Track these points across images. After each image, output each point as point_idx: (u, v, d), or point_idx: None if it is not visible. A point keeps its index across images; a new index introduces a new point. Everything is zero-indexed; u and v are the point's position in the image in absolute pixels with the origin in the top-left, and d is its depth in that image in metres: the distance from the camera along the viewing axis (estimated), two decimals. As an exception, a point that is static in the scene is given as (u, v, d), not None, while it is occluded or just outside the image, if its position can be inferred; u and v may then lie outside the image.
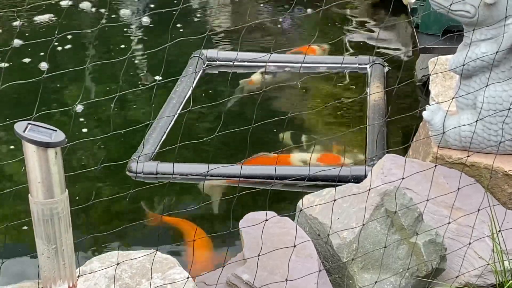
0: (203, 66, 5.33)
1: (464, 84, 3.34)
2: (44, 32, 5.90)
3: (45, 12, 6.18)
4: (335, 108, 4.87)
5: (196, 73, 5.22)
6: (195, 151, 4.30)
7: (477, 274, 3.02)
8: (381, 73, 5.20)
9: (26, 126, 2.05)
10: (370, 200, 2.91)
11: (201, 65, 5.32)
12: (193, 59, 5.36)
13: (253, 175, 4.04)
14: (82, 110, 4.70)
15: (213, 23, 6.32)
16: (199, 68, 5.26)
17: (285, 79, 5.21)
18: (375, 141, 4.30)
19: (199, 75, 5.27)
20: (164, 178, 4.08)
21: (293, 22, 6.29)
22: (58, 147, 2.06)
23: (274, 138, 4.46)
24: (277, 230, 2.95)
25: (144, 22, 6.09)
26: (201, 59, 5.35)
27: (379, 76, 5.16)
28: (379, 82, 5.07)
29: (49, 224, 2.11)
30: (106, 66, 5.26)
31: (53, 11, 6.23)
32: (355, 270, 2.90)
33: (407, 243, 2.93)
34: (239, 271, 2.83)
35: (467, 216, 3.11)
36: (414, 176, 3.13)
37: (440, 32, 4.76)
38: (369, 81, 5.11)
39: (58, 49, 5.60)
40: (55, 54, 5.56)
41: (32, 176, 2.07)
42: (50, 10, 6.22)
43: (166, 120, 4.57)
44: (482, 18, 3.22)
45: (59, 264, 2.15)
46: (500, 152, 3.33)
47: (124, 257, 2.75)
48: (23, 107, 4.71)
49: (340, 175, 3.93)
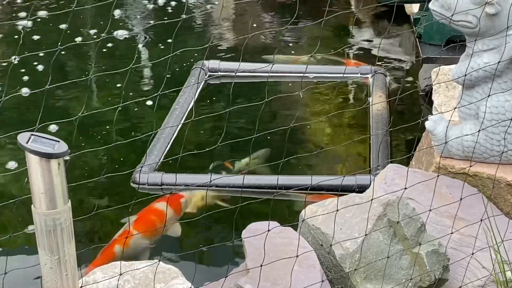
0: (205, 77, 5.35)
1: (466, 94, 3.34)
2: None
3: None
4: (337, 117, 4.88)
5: (198, 84, 5.23)
6: (199, 161, 4.30)
7: (480, 285, 3.01)
8: (383, 83, 5.21)
9: (29, 137, 2.05)
10: (372, 210, 2.91)
11: (203, 76, 5.33)
12: (195, 70, 5.37)
13: (256, 185, 4.04)
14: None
15: (215, 36, 6.34)
16: (201, 79, 5.27)
17: (287, 88, 5.22)
18: (378, 151, 4.31)
19: (202, 86, 5.29)
20: (169, 189, 4.08)
21: (296, 33, 6.31)
22: (61, 158, 2.07)
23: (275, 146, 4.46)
24: (279, 240, 2.95)
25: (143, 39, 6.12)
26: (203, 70, 5.36)
27: (381, 86, 5.16)
28: (382, 91, 5.08)
29: (52, 234, 2.11)
30: (110, 77, 5.28)
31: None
32: (358, 281, 2.90)
33: (410, 253, 2.93)
34: (242, 281, 2.82)
35: (470, 226, 3.11)
36: (417, 186, 3.13)
37: (443, 42, 4.77)
38: (371, 91, 5.12)
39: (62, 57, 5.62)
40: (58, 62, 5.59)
41: (35, 187, 2.08)
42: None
43: (170, 131, 4.58)
44: (484, 29, 3.22)
45: (62, 275, 2.15)
46: (502, 162, 3.33)
47: (127, 268, 2.75)
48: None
49: (344, 185, 3.93)
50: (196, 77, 5.26)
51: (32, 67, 5.50)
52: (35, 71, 5.47)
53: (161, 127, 4.65)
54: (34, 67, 5.50)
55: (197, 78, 5.24)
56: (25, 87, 5.15)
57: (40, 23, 6.32)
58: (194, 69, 5.38)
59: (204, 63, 5.40)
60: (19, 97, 5.04)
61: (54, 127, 4.48)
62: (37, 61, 5.53)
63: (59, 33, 5.84)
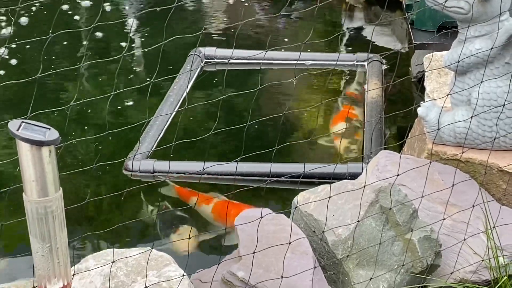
0: (201, 64, 5.33)
1: (458, 80, 3.34)
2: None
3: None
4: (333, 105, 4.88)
5: (193, 71, 5.21)
6: (192, 149, 4.30)
7: (472, 270, 3.02)
8: (379, 70, 5.19)
9: (20, 125, 2.04)
10: (365, 197, 2.92)
11: (199, 63, 5.32)
12: (191, 57, 5.35)
13: (248, 173, 4.04)
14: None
15: (208, 25, 6.32)
16: (197, 66, 5.26)
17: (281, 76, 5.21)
18: (371, 139, 4.31)
19: (197, 73, 5.27)
20: (161, 176, 4.08)
21: (289, 20, 6.29)
22: (52, 145, 2.06)
23: (270, 135, 4.46)
24: (272, 227, 2.96)
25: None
26: (199, 57, 5.35)
27: (377, 74, 5.15)
28: (377, 79, 5.07)
29: (44, 222, 2.11)
30: (101, 65, 5.27)
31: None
32: (350, 267, 2.91)
33: (402, 239, 2.94)
34: (234, 268, 2.83)
35: (462, 212, 3.12)
36: (409, 173, 3.13)
37: (435, 29, 4.76)
38: (367, 78, 5.11)
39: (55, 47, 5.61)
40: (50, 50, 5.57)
41: (26, 174, 2.07)
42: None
43: (163, 119, 4.57)
44: (476, 15, 3.22)
45: (54, 263, 2.15)
46: (494, 148, 3.34)
47: (119, 255, 2.75)
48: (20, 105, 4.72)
49: (336, 173, 3.93)
50: (192, 64, 5.25)
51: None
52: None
53: (155, 115, 4.64)
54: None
55: (192, 65, 5.22)
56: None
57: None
58: (190, 56, 5.37)
59: (200, 50, 5.38)
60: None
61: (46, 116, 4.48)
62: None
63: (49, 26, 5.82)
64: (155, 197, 4.02)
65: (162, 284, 2.69)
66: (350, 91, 5.13)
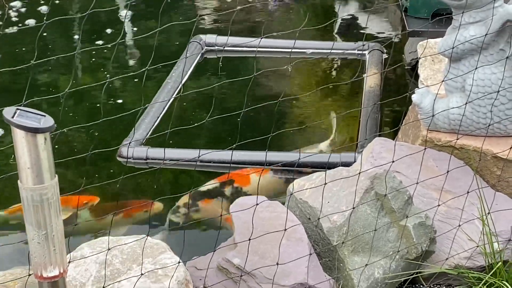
0: (202, 51, 5.32)
1: (453, 67, 3.35)
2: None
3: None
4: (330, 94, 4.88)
5: (194, 58, 5.19)
6: (187, 136, 4.29)
7: (466, 256, 3.03)
8: (379, 59, 5.16)
9: (15, 112, 2.04)
10: (360, 184, 2.92)
11: (200, 50, 5.30)
12: (191, 44, 5.33)
13: (243, 161, 4.04)
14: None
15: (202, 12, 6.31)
16: (198, 53, 5.24)
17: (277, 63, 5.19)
18: (366, 127, 4.30)
19: (197, 61, 5.26)
20: (155, 163, 4.08)
21: (281, 3, 6.27)
22: (47, 132, 2.05)
23: (265, 123, 4.46)
24: (267, 215, 2.96)
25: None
26: (199, 44, 5.33)
27: (376, 62, 5.12)
28: (377, 68, 5.04)
29: (39, 210, 2.10)
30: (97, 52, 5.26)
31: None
32: (346, 253, 2.92)
33: (397, 226, 2.94)
34: (230, 255, 2.84)
35: (457, 198, 3.13)
36: (404, 159, 3.14)
37: (429, 16, 4.76)
38: (367, 67, 5.09)
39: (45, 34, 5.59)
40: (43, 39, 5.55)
41: (22, 162, 2.07)
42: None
43: (160, 106, 4.55)
44: (470, 1, 3.22)
45: (50, 250, 2.14)
46: (489, 135, 3.34)
47: (115, 243, 2.75)
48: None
49: (330, 162, 3.92)
50: (192, 51, 5.23)
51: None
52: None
53: (152, 102, 4.63)
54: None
55: (192, 52, 5.20)
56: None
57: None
58: (190, 43, 5.34)
59: (201, 37, 5.37)
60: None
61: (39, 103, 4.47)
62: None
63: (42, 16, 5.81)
64: (149, 184, 4.01)
65: (158, 272, 2.70)
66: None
